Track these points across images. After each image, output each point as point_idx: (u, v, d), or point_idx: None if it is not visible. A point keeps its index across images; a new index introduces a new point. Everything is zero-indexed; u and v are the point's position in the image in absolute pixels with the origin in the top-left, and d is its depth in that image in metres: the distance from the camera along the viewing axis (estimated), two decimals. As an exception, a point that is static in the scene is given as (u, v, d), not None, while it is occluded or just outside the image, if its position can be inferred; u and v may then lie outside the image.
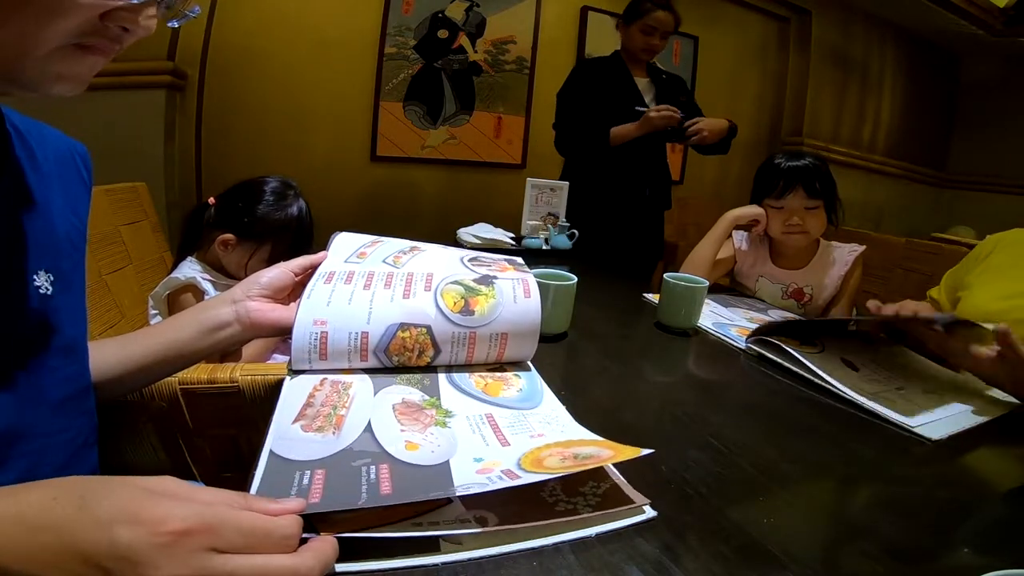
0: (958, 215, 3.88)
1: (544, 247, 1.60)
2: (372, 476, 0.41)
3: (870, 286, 1.58)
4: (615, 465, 0.47)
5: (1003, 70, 3.76)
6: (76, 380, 0.49)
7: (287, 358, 0.58)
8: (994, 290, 0.93)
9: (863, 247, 1.25)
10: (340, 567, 0.34)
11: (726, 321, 1.01)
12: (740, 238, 1.36)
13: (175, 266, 1.08)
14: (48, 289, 0.46)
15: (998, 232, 1.04)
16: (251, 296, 0.58)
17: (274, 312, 0.58)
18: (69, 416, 0.48)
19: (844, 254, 1.24)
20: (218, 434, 0.94)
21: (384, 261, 0.64)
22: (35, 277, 0.45)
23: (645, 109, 1.71)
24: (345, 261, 0.64)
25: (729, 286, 1.37)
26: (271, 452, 0.44)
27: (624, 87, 1.82)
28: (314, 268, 0.63)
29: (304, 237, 1.13)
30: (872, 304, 0.83)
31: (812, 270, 1.25)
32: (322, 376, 0.54)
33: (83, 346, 0.51)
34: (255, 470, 0.42)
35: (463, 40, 2.53)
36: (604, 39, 2.72)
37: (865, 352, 0.83)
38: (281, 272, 0.60)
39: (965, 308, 0.95)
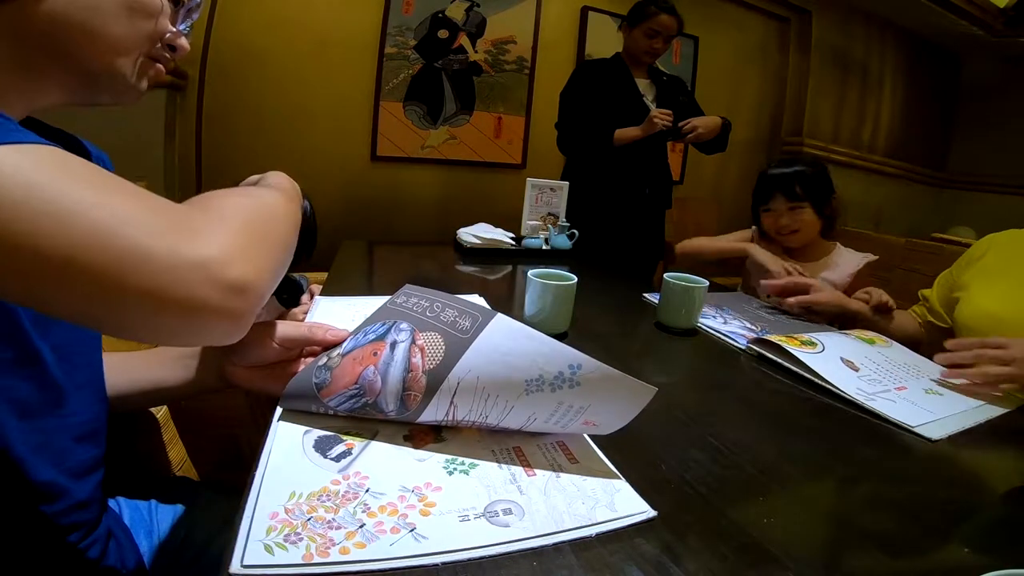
0: (958, 215, 3.88)
1: (544, 247, 1.60)
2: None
3: (872, 286, 1.58)
4: (620, 470, 0.47)
5: (1003, 71, 3.76)
6: (97, 366, 0.52)
7: None
8: (994, 291, 0.94)
9: (875, 257, 1.31)
10: (341, 567, 0.34)
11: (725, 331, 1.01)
12: (755, 234, 1.44)
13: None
14: None
15: (993, 232, 1.05)
16: (231, 362, 0.54)
17: (253, 383, 0.54)
18: (87, 401, 0.49)
19: (855, 259, 1.30)
20: (218, 434, 0.94)
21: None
22: None
23: (648, 102, 1.78)
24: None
25: (731, 284, 1.39)
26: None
27: (626, 88, 1.83)
28: (301, 345, 0.55)
29: (308, 238, 1.13)
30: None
31: (820, 266, 1.31)
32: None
33: (98, 356, 0.53)
34: (256, 470, 0.42)
35: (463, 40, 2.53)
36: (604, 39, 2.72)
37: (864, 352, 0.83)
38: (260, 342, 0.53)
39: (965, 309, 0.95)
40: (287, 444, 0.46)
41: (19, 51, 0.39)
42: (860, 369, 0.77)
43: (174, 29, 0.47)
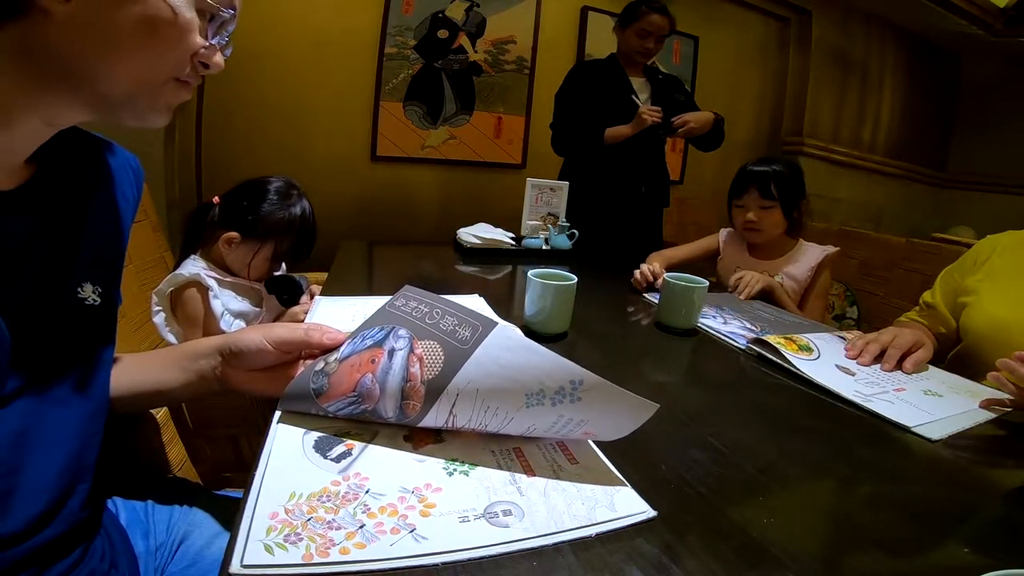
0: (958, 215, 3.88)
1: (544, 247, 1.60)
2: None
3: (872, 286, 1.58)
4: (620, 471, 0.47)
5: (1003, 70, 3.76)
6: (101, 394, 0.51)
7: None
8: (1003, 295, 0.91)
9: (836, 249, 1.35)
10: (341, 567, 0.34)
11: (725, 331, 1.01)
12: (724, 234, 1.49)
13: (179, 263, 1.08)
14: (96, 300, 0.48)
15: (994, 233, 1.02)
16: (229, 365, 0.54)
17: (251, 385, 0.54)
18: (85, 433, 0.48)
19: (816, 252, 1.34)
20: (218, 434, 0.94)
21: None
22: (81, 288, 0.47)
23: (637, 99, 1.79)
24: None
25: (713, 280, 1.41)
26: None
27: (620, 88, 1.84)
28: (298, 349, 0.54)
29: (307, 237, 1.13)
30: None
31: (783, 262, 1.36)
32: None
33: (111, 356, 0.53)
34: (256, 470, 0.42)
35: (463, 40, 2.53)
36: (604, 39, 2.72)
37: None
38: (258, 346, 0.53)
39: (975, 315, 0.93)
40: (287, 445, 0.46)
41: (30, 70, 0.37)
42: (856, 374, 0.77)
43: (207, 43, 0.43)
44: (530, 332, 0.84)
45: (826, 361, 0.79)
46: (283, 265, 1.16)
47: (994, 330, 0.88)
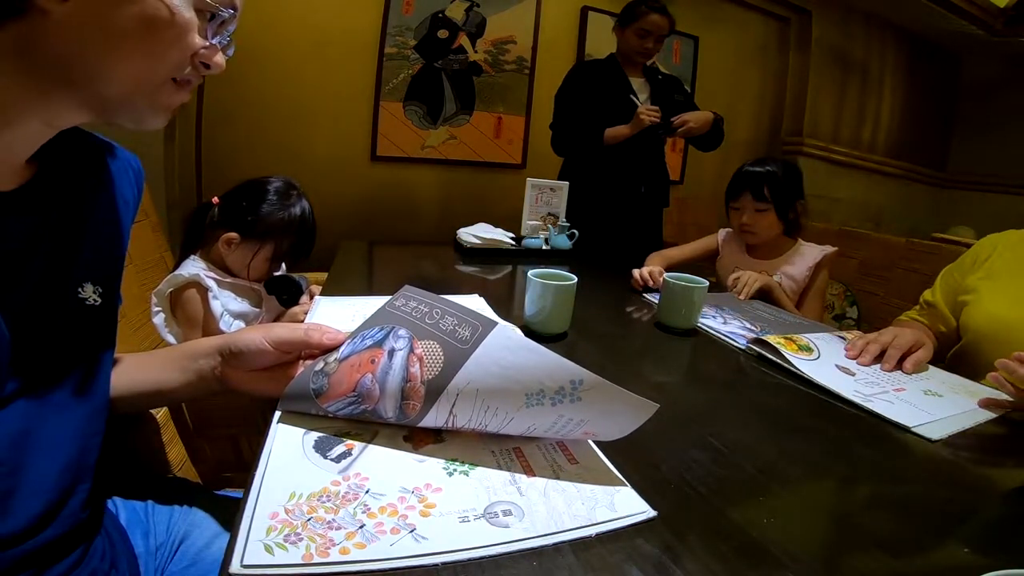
0: (958, 215, 3.88)
1: (544, 247, 1.60)
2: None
3: (872, 286, 1.58)
4: (620, 471, 0.47)
5: (1003, 70, 3.77)
6: (101, 395, 0.51)
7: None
8: (1004, 294, 0.92)
9: (834, 249, 1.35)
10: (341, 567, 0.34)
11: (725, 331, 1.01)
12: (723, 234, 1.50)
13: (178, 264, 1.08)
14: (97, 300, 0.48)
15: (994, 233, 1.02)
16: (229, 366, 0.54)
17: (251, 385, 0.54)
18: (86, 434, 0.48)
19: (814, 252, 1.35)
20: (218, 434, 0.94)
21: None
22: (82, 288, 0.47)
23: (636, 99, 1.80)
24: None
25: (713, 280, 1.42)
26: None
27: (619, 88, 1.84)
28: (298, 349, 0.54)
29: (306, 237, 1.13)
30: None
31: (782, 262, 1.36)
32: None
33: (112, 357, 0.53)
34: (256, 470, 0.42)
35: (463, 40, 2.53)
36: (604, 39, 2.72)
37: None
38: (258, 346, 0.52)
39: (975, 314, 0.93)
40: (287, 445, 0.46)
41: (29, 70, 0.37)
42: (856, 374, 0.77)
43: (206, 43, 0.42)
44: (530, 332, 0.84)
45: (826, 361, 0.79)
46: (283, 265, 1.16)
47: (994, 329, 0.89)
